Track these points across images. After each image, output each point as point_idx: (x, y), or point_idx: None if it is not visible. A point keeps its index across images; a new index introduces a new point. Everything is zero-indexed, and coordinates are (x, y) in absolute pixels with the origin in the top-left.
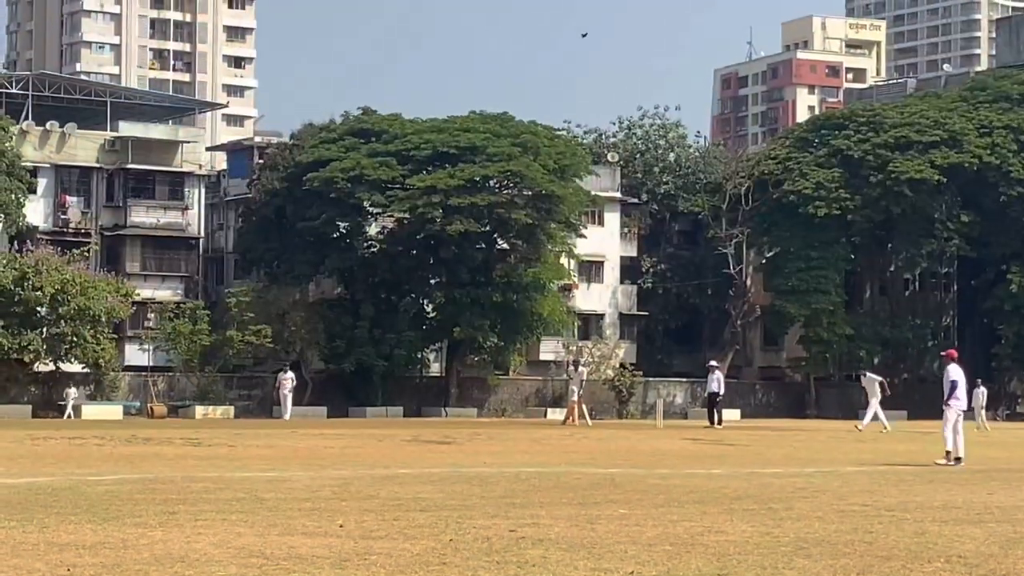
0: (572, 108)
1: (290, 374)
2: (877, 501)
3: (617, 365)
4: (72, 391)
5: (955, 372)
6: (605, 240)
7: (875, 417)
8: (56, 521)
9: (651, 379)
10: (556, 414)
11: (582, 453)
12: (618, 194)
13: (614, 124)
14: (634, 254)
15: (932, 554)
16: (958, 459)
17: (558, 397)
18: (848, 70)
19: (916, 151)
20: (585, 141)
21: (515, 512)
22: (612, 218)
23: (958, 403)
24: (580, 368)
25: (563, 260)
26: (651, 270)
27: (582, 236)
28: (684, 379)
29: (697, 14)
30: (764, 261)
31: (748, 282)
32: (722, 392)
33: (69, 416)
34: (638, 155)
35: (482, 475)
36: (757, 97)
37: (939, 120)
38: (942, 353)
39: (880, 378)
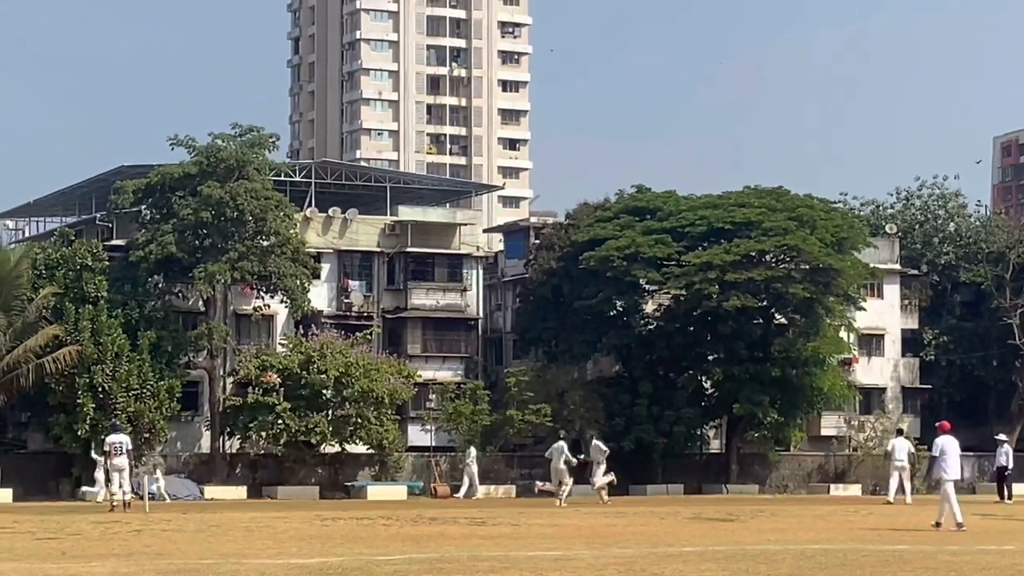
0: (848, 180)
1: (475, 453)
2: None
3: None
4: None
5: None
6: (885, 313)
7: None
8: None
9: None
10: (839, 490)
11: (868, 530)
12: (897, 266)
13: (891, 195)
14: (915, 326)
15: None
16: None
17: (840, 472)
18: None
19: None
20: (862, 213)
21: None
22: (892, 290)
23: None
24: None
25: (842, 334)
26: (933, 342)
27: (861, 309)
28: (970, 453)
29: (973, 82)
30: None
31: None
32: (1011, 466)
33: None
34: (917, 226)
35: (767, 553)
36: None
37: None
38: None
39: (606, 448)
